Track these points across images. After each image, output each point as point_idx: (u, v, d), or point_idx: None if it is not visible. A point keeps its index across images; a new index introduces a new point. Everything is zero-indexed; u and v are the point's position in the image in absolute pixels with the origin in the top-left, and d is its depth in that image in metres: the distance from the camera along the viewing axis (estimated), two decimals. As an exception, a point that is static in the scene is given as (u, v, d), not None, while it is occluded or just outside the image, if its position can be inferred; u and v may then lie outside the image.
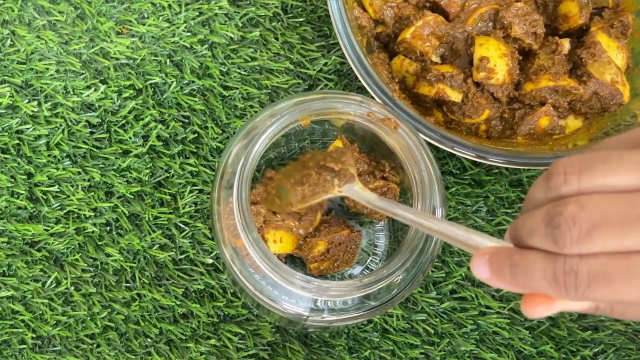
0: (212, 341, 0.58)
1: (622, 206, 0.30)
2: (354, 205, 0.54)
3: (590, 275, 0.30)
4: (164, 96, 0.62)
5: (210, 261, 0.59)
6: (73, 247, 0.59)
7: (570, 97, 0.56)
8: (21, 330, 0.58)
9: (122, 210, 0.59)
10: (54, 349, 0.58)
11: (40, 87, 0.61)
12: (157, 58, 0.62)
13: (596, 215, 0.30)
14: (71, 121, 0.61)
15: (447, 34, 0.58)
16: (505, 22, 0.57)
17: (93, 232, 0.59)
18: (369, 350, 0.58)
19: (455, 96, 0.56)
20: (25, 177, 0.60)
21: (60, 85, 0.61)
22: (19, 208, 0.59)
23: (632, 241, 0.30)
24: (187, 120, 0.61)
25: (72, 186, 0.60)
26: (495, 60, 0.55)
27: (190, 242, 0.59)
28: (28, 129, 0.61)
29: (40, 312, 0.58)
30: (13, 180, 0.60)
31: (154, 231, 0.59)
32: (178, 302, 0.58)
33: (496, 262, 0.34)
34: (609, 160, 0.31)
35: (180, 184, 0.60)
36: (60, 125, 0.61)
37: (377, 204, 0.45)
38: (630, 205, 0.30)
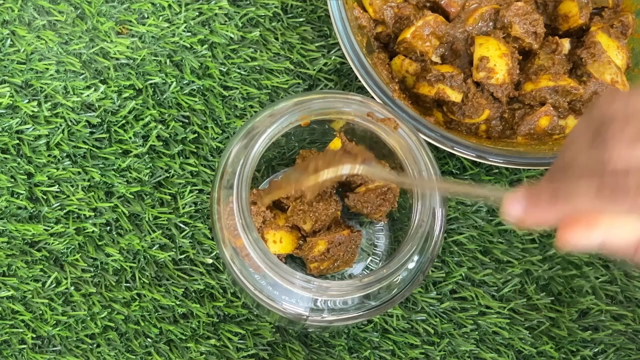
0: (212, 341, 0.58)
1: None
2: (354, 205, 0.54)
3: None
4: (164, 96, 0.62)
5: (210, 261, 0.59)
6: (73, 247, 0.59)
7: (570, 97, 0.56)
8: (21, 330, 0.58)
9: (122, 210, 0.59)
10: (54, 349, 0.58)
11: (40, 87, 0.61)
12: (157, 58, 0.62)
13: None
14: (71, 121, 0.61)
15: (447, 33, 0.58)
16: (506, 21, 0.57)
17: (93, 232, 0.59)
18: (369, 350, 0.58)
19: (455, 96, 0.56)
20: (25, 177, 0.60)
21: (60, 85, 0.61)
22: (19, 208, 0.59)
23: None
24: (187, 120, 0.61)
25: (72, 186, 0.60)
26: (495, 60, 0.55)
27: (190, 242, 0.59)
28: (28, 129, 0.61)
29: (40, 312, 0.58)
30: (13, 180, 0.60)
31: (154, 231, 0.59)
32: (178, 302, 0.58)
33: (534, 192, 0.32)
34: None
35: (180, 184, 0.60)
36: (60, 125, 0.61)
37: (389, 177, 0.44)
38: None
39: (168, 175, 0.60)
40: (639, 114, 0.29)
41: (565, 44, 0.58)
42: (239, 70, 0.62)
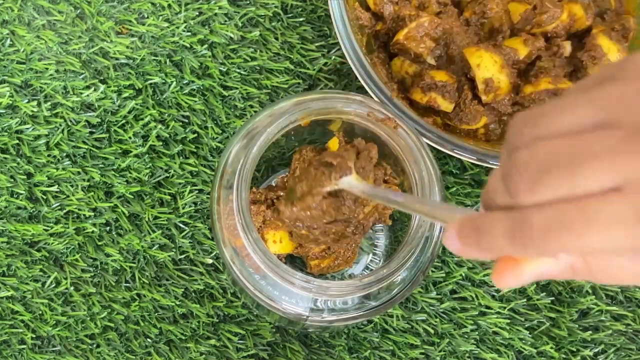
0: (212, 341, 0.58)
1: (571, 146, 0.27)
2: None
3: (546, 224, 0.27)
4: (164, 96, 0.62)
5: (210, 261, 0.59)
6: (73, 247, 0.59)
7: None
8: (21, 330, 0.58)
9: (121, 210, 0.59)
10: (54, 349, 0.58)
11: (40, 87, 0.61)
12: (157, 58, 0.62)
13: (544, 159, 0.27)
14: (71, 121, 0.61)
15: (443, 35, 0.58)
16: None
17: (93, 232, 0.59)
18: (369, 350, 0.58)
19: (445, 106, 0.56)
20: (25, 177, 0.60)
21: (59, 85, 0.61)
22: (19, 208, 0.59)
23: (583, 182, 0.27)
24: (187, 120, 0.61)
25: (72, 186, 0.60)
26: (497, 76, 0.55)
27: (190, 242, 0.59)
28: (28, 129, 0.61)
29: (40, 312, 0.58)
30: (13, 180, 0.60)
31: (153, 231, 0.59)
32: (178, 302, 0.58)
33: (464, 231, 0.32)
34: (563, 105, 0.28)
35: (180, 184, 0.60)
36: (60, 125, 0.61)
37: (371, 193, 0.44)
38: (580, 144, 0.27)
39: (168, 175, 0.60)
40: (542, 147, 0.28)
41: (567, 47, 0.57)
42: (238, 70, 0.62)
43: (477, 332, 0.59)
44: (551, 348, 0.59)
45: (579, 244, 0.27)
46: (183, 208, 0.59)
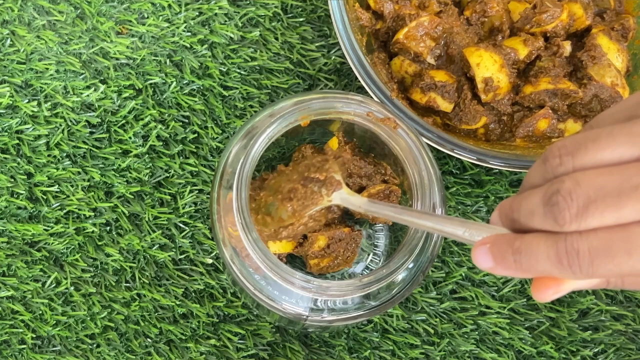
0: (212, 341, 0.58)
1: (616, 178, 0.30)
2: (358, 212, 0.54)
3: (592, 252, 0.30)
4: (164, 96, 0.62)
5: (210, 261, 0.59)
6: (73, 247, 0.59)
7: (570, 100, 0.56)
8: (21, 330, 0.58)
9: (122, 210, 0.59)
10: (54, 349, 0.58)
11: (40, 87, 0.61)
12: (157, 58, 0.62)
13: (591, 189, 0.30)
14: (71, 121, 0.61)
15: (443, 34, 0.58)
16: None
17: (93, 232, 0.59)
18: (369, 350, 0.58)
19: (445, 106, 0.56)
20: (25, 177, 0.60)
21: (60, 85, 0.61)
22: (19, 208, 0.59)
23: (629, 212, 0.30)
24: (187, 120, 0.61)
25: (72, 186, 0.60)
26: (497, 75, 0.55)
27: (190, 242, 0.59)
28: (28, 129, 0.61)
29: (40, 312, 0.58)
30: (13, 180, 0.60)
31: (154, 231, 0.59)
32: (178, 302, 0.58)
33: (498, 250, 0.34)
34: (599, 137, 0.32)
35: (180, 184, 0.60)
36: (60, 125, 0.61)
37: (368, 208, 0.45)
38: (624, 177, 0.30)
39: (168, 175, 0.60)
40: (587, 177, 0.31)
41: (567, 47, 0.57)
42: (239, 70, 0.62)
43: (477, 332, 0.59)
44: (551, 348, 0.59)
45: (624, 268, 0.30)
46: (183, 208, 0.59)
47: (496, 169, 0.60)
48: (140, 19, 0.63)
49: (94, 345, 0.58)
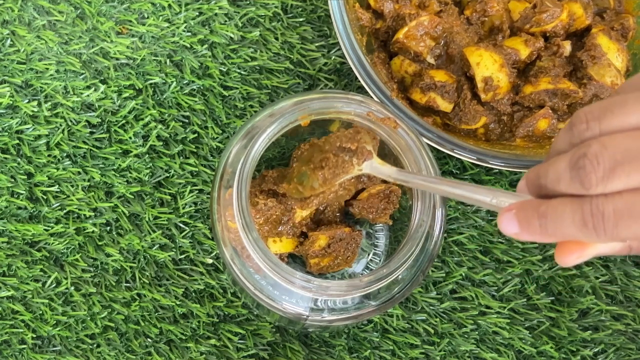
0: (212, 341, 0.58)
1: None
2: (359, 212, 0.54)
3: (617, 214, 0.31)
4: (164, 96, 0.62)
5: (210, 261, 0.59)
6: (73, 247, 0.59)
7: (570, 100, 0.56)
8: (21, 330, 0.58)
9: (122, 210, 0.59)
10: (54, 349, 0.58)
11: (40, 87, 0.61)
12: (157, 58, 0.62)
13: (618, 152, 0.31)
14: (71, 121, 0.61)
15: (443, 34, 0.58)
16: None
17: (93, 232, 0.59)
18: (369, 350, 0.58)
19: (445, 106, 0.56)
20: (25, 177, 0.60)
21: (60, 85, 0.61)
22: (19, 208, 0.59)
23: None
24: (187, 120, 0.61)
25: (72, 186, 0.60)
26: (497, 75, 0.55)
27: (190, 242, 0.59)
28: (28, 129, 0.61)
29: (40, 312, 0.58)
30: (13, 180, 0.60)
31: (154, 231, 0.59)
32: (178, 302, 0.58)
33: (524, 215, 0.34)
34: (626, 102, 0.32)
35: (180, 184, 0.60)
36: (60, 125, 0.61)
37: (398, 177, 0.46)
38: None
39: (168, 175, 0.60)
40: (614, 140, 0.31)
41: (567, 46, 0.57)
42: (239, 70, 0.62)
43: (477, 332, 0.59)
44: (551, 348, 0.59)
45: None
46: (183, 208, 0.59)
47: (496, 168, 0.60)
48: (140, 19, 0.63)
49: (94, 345, 0.58)
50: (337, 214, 0.55)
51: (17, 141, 0.60)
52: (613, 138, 0.31)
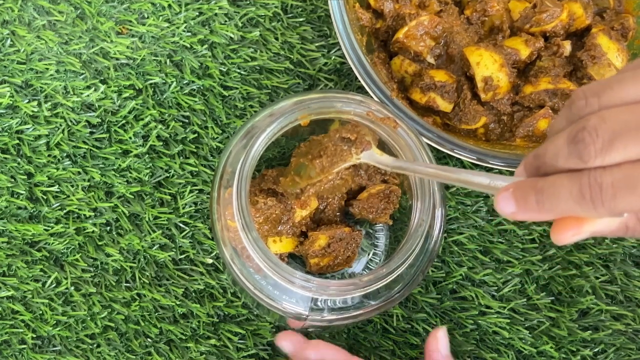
0: (212, 341, 0.58)
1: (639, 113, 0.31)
2: (359, 212, 0.54)
3: (615, 185, 0.31)
4: (164, 96, 0.62)
5: (210, 261, 0.59)
6: (73, 247, 0.59)
7: None
8: (21, 330, 0.58)
9: (122, 210, 0.59)
10: (54, 349, 0.58)
11: (40, 87, 0.61)
12: (157, 58, 0.62)
13: (616, 124, 0.31)
14: (71, 121, 0.61)
15: (443, 34, 0.58)
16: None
17: (93, 232, 0.59)
18: (369, 350, 0.58)
19: (444, 106, 0.56)
20: (25, 177, 0.60)
21: (60, 85, 0.61)
22: (19, 208, 0.59)
23: None
24: (187, 120, 0.61)
25: (72, 186, 0.60)
26: (497, 75, 0.55)
27: (190, 242, 0.59)
28: (28, 129, 0.61)
29: (40, 312, 0.58)
30: (13, 180, 0.60)
31: (154, 231, 0.59)
32: (178, 302, 0.58)
33: (520, 193, 0.34)
34: (624, 78, 0.32)
35: (180, 184, 0.60)
36: (60, 125, 0.61)
37: (395, 165, 0.46)
38: None
39: (168, 175, 0.60)
40: (612, 113, 0.31)
41: (567, 46, 0.58)
42: (239, 70, 0.62)
43: (477, 332, 0.59)
44: (551, 348, 0.59)
45: None
46: (183, 208, 0.59)
47: (496, 168, 0.60)
48: (140, 19, 0.63)
49: (94, 345, 0.58)
50: (337, 214, 0.55)
51: (17, 141, 0.60)
52: (612, 111, 0.31)
